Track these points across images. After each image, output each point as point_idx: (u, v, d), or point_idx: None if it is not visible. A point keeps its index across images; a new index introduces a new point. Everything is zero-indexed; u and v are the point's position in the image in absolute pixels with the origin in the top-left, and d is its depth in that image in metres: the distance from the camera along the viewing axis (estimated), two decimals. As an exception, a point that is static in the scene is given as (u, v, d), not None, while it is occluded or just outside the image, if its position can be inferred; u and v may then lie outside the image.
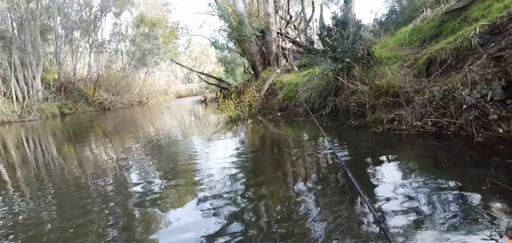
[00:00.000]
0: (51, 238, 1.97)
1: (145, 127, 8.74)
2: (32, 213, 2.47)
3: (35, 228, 2.15)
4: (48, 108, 16.38)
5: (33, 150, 6.00)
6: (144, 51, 23.79)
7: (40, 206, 2.60)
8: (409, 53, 5.07)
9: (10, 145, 7.03)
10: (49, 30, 19.58)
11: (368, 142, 3.87)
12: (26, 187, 3.29)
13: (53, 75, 19.46)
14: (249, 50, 10.95)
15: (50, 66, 20.04)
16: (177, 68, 35.25)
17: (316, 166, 3.07)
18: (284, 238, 1.70)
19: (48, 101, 17.10)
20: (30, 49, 16.24)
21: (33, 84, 16.46)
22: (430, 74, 4.25)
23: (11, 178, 3.78)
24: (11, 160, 4.98)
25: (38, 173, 3.96)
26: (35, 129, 10.74)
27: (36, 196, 2.91)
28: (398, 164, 2.77)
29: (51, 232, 2.06)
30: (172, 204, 2.37)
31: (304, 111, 6.88)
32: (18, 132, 10.06)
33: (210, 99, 17.19)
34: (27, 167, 4.35)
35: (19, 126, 12.58)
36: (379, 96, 4.63)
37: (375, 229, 1.67)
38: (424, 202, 1.92)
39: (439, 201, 1.91)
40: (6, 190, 3.23)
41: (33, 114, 14.98)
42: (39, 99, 16.37)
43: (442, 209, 1.81)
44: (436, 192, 2.05)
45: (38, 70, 16.80)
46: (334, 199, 2.15)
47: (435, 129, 3.53)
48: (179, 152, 4.51)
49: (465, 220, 1.65)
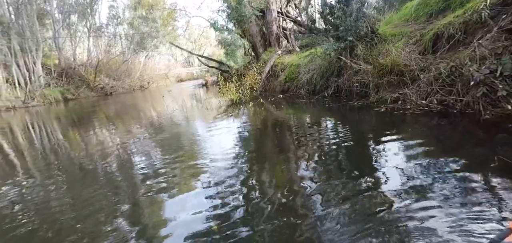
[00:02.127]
0: (61, 219, 2.00)
1: (147, 111, 8.72)
2: (42, 194, 2.51)
3: (46, 209, 2.19)
4: (51, 94, 16.39)
5: (39, 135, 6.03)
6: (143, 35, 23.40)
7: (49, 189, 2.63)
8: (415, 30, 4.89)
9: (17, 130, 7.07)
10: (46, 15, 19.23)
11: (371, 122, 3.81)
12: (35, 170, 3.31)
13: (53, 61, 19.33)
14: (249, 31, 10.70)
15: (49, 51, 19.86)
16: (177, 52, 34.79)
17: (318, 147, 3.03)
18: (287, 217, 1.69)
19: (50, 87, 17.09)
20: (28, 35, 16.03)
21: (34, 70, 16.38)
22: (436, 50, 4.11)
23: (20, 162, 3.82)
24: (19, 145, 5.01)
25: (46, 157, 3.99)
26: (39, 114, 10.78)
27: (45, 179, 2.94)
28: (401, 144, 2.71)
29: (61, 213, 2.09)
30: (176, 186, 2.37)
31: (306, 93, 6.78)
32: (23, 118, 10.11)
33: (211, 82, 17.04)
34: (34, 151, 4.37)
35: (23, 111, 12.63)
36: (383, 76, 4.52)
37: (379, 210, 1.65)
38: (428, 182, 1.87)
39: (443, 181, 1.87)
40: (16, 174, 3.26)
41: (37, 100, 15.01)
42: (41, 85, 16.34)
43: (447, 189, 1.76)
44: (441, 171, 2.00)
45: (38, 55, 16.66)
46: (336, 182, 2.11)
47: (440, 108, 3.45)
48: (181, 136, 4.50)
49: (471, 200, 1.61)
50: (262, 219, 1.69)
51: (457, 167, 2.02)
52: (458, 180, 1.84)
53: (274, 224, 1.63)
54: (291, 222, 1.63)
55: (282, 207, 1.82)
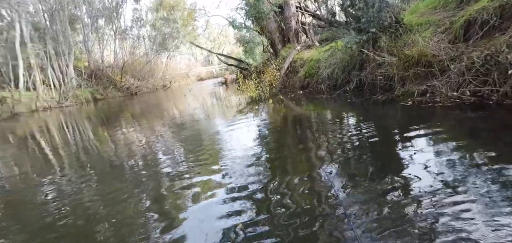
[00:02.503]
0: (91, 211, 2.14)
1: (170, 109, 9.00)
2: (74, 187, 2.70)
3: (78, 201, 2.35)
4: (82, 94, 17.44)
5: (72, 133, 6.45)
6: (165, 36, 24.15)
7: (81, 183, 2.81)
8: (444, 17, 4.60)
9: (53, 128, 7.62)
10: (76, 20, 20.46)
11: (397, 116, 3.66)
12: (69, 166, 3.57)
13: (83, 63, 20.54)
14: (267, 28, 10.65)
15: (80, 54, 21.11)
16: (197, 51, 35.51)
17: (341, 143, 2.95)
18: (312, 216, 1.66)
19: (81, 88, 18.18)
20: (61, 39, 17.14)
21: (67, 72, 17.51)
22: (468, 38, 3.84)
23: (56, 158, 4.12)
24: (55, 143, 5.40)
25: (78, 154, 4.26)
26: (72, 114, 11.53)
27: (77, 174, 3.15)
28: (431, 139, 2.56)
29: (91, 206, 2.23)
30: (199, 182, 2.41)
31: (327, 88, 6.64)
32: (58, 117, 10.86)
33: (230, 80, 17.20)
34: (68, 148, 4.69)
35: (58, 111, 13.58)
36: (409, 68, 4.30)
37: (408, 210, 1.56)
38: (462, 179, 1.75)
39: (479, 177, 1.73)
40: (52, 169, 3.53)
41: (70, 100, 16.04)
42: (74, 86, 17.43)
43: (483, 186, 1.63)
44: (476, 167, 1.86)
45: (70, 58, 17.79)
46: (362, 180, 2.04)
47: (474, 99, 3.22)
48: (203, 133, 4.60)
49: (508, 200, 1.48)
50: (285, 219, 1.67)
51: (494, 162, 1.87)
52: (495, 176, 1.70)
53: (298, 224, 1.60)
54: (316, 222, 1.60)
55: (306, 205, 1.79)
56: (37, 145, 5.49)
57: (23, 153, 4.94)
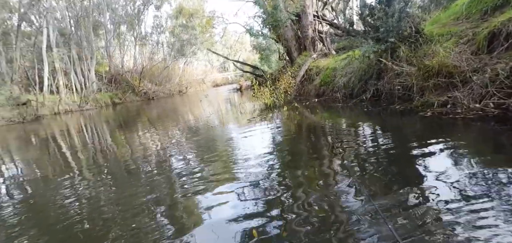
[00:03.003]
0: (106, 213, 2.22)
1: (186, 115, 9.21)
2: (92, 190, 2.81)
3: (94, 203, 2.44)
4: (101, 98, 18.16)
5: (91, 136, 6.73)
6: (183, 42, 24.82)
7: (98, 185, 2.94)
8: (466, 28, 4.49)
9: (73, 132, 7.99)
10: (99, 26, 21.46)
11: (415, 127, 3.58)
12: (87, 169, 3.72)
13: (104, 68, 21.44)
14: (284, 36, 10.73)
15: (101, 59, 22.08)
16: (213, 58, 36.18)
17: (357, 153, 2.93)
18: (326, 229, 1.65)
19: (101, 92, 18.94)
20: (85, 44, 18.02)
21: (88, 76, 18.33)
22: (492, 50, 3.73)
23: (75, 161, 4.31)
24: (74, 146, 5.66)
25: (96, 156, 4.44)
26: (92, 117, 12.03)
27: (95, 176, 3.28)
28: (451, 151, 2.48)
29: (107, 208, 2.32)
30: (212, 188, 2.45)
31: (343, 97, 6.59)
32: (79, 120, 11.36)
33: (245, 87, 17.38)
34: (87, 151, 4.90)
35: (79, 114, 14.20)
36: (428, 78, 4.22)
37: (425, 226, 1.54)
38: (484, 195, 1.69)
39: (502, 194, 1.67)
40: (71, 171, 3.69)
41: (90, 104, 16.74)
42: (94, 90, 18.20)
43: (506, 201, 1.58)
44: (499, 183, 1.80)
45: (92, 63, 18.63)
46: (377, 192, 2.01)
47: (498, 112, 3.12)
48: (217, 139, 4.68)
49: None
50: (298, 228, 1.67)
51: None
52: None
53: (306, 230, 1.62)
54: (330, 235, 1.59)
55: (315, 214, 1.79)
56: (57, 147, 5.77)
57: (44, 154, 5.19)
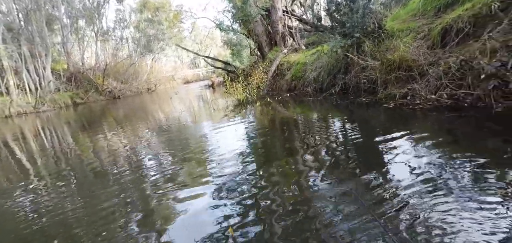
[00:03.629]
0: (72, 223, 2.04)
1: (155, 113, 8.84)
2: (54, 198, 2.57)
3: (58, 213, 2.22)
4: (60, 99, 16.75)
5: (51, 139, 6.18)
6: (149, 37, 23.71)
7: (61, 193, 2.69)
8: (423, 24, 4.85)
9: (29, 135, 7.26)
10: (54, 20, 19.67)
11: (379, 118, 3.81)
12: (47, 175, 3.40)
13: (62, 66, 19.76)
14: (254, 31, 10.73)
15: (58, 56, 20.31)
16: (183, 54, 35.12)
17: (327, 145, 3.04)
18: (297, 217, 1.70)
19: (60, 92, 17.46)
20: (38, 40, 16.40)
21: (44, 75, 16.76)
22: (445, 45, 4.07)
23: (32, 167, 3.92)
24: (31, 151, 5.14)
25: (57, 161, 4.09)
26: (50, 119, 11.03)
27: (57, 183, 3.01)
28: (412, 139, 2.69)
29: (72, 217, 2.13)
30: (185, 187, 2.39)
31: (313, 91, 6.78)
32: (35, 122, 10.36)
33: (217, 83, 17.14)
34: (46, 156, 4.49)
35: (34, 116, 12.94)
36: (391, 71, 4.49)
37: (389, 207, 1.66)
38: (441, 177, 1.86)
39: (456, 175, 1.85)
40: (28, 178, 3.35)
41: (47, 105, 15.35)
42: (51, 90, 16.71)
43: (460, 183, 1.75)
44: (453, 165, 1.99)
45: (47, 61, 17.04)
46: (346, 180, 2.11)
47: (450, 102, 3.42)
48: (190, 137, 4.56)
49: (486, 194, 1.60)
50: (272, 220, 1.70)
51: (470, 160, 2.01)
52: (472, 174, 1.83)
53: (284, 223, 1.65)
54: (300, 221, 1.65)
55: (291, 206, 1.83)
56: (10, 153, 5.21)
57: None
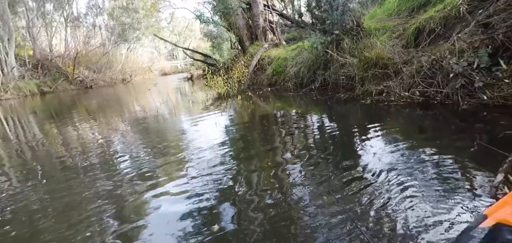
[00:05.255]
0: (39, 220, 1.90)
1: (131, 105, 8.48)
2: (19, 194, 2.36)
3: (24, 211, 2.06)
4: (25, 87, 15.54)
5: (14, 130, 5.72)
6: (124, 26, 22.59)
7: (27, 188, 2.48)
8: (398, 24, 5.05)
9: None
10: (18, 2, 18.11)
11: (356, 114, 3.93)
12: (11, 169, 3.13)
13: (27, 52, 18.28)
14: (235, 24, 10.60)
15: (23, 42, 18.75)
16: (161, 45, 33.90)
17: (305, 139, 3.10)
18: (273, 210, 1.71)
19: (25, 79, 16.19)
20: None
21: (6, 60, 15.42)
22: (418, 44, 4.28)
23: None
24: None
25: (22, 154, 3.78)
26: (14, 108, 10.21)
27: (22, 178, 2.78)
28: (385, 135, 2.81)
29: (40, 214, 1.97)
30: (161, 181, 2.31)
31: (294, 86, 6.85)
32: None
33: (196, 76, 16.79)
34: (9, 147, 4.15)
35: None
36: (368, 69, 4.65)
37: (360, 198, 1.71)
38: (409, 170, 1.95)
39: (424, 168, 1.95)
40: None
41: (10, 92, 14.20)
42: (15, 77, 15.45)
43: (427, 176, 1.84)
44: (422, 159, 2.09)
45: (10, 45, 15.69)
46: (321, 172, 2.15)
47: (422, 99, 3.60)
48: (168, 130, 4.43)
49: (450, 186, 1.69)
50: (248, 213, 1.69)
51: (437, 154, 2.13)
52: (438, 167, 1.94)
53: (260, 217, 1.64)
54: (277, 215, 1.65)
55: (269, 199, 1.84)
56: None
57: None
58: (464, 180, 1.74)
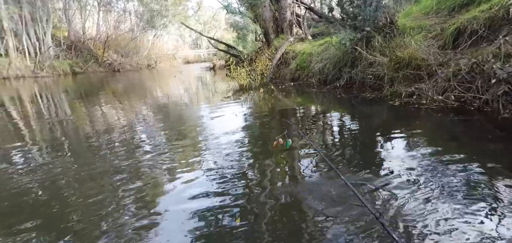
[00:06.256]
0: (64, 191, 2.00)
1: (154, 91, 8.73)
2: (48, 165, 2.51)
3: (51, 180, 2.18)
4: (59, 66, 16.51)
5: (47, 106, 6.09)
6: (153, 12, 23.20)
7: (55, 160, 2.62)
8: (435, 23, 4.75)
9: (26, 99, 7.16)
10: (57, -15, 19.15)
11: (382, 115, 3.78)
12: (43, 141, 3.34)
13: (63, 33, 19.35)
14: (262, 16, 10.50)
15: (59, 23, 19.86)
16: (185, 33, 34.52)
17: (325, 136, 3.03)
18: (289, 208, 1.66)
19: (59, 59, 17.18)
20: (39, 4, 15.99)
21: (44, 40, 16.43)
22: (457, 46, 4.00)
23: (29, 131, 3.87)
24: (27, 115, 5.06)
25: (53, 129, 4.03)
26: (48, 86, 10.88)
27: (52, 151, 2.94)
28: (411, 138, 2.66)
29: (65, 185, 2.09)
30: (178, 165, 2.34)
31: (317, 83, 6.71)
32: (32, 87, 10.21)
33: (219, 66, 16.93)
34: (42, 122, 4.42)
35: (32, 81, 12.76)
36: (399, 69, 4.43)
37: (380, 204, 1.63)
38: (438, 179, 1.79)
39: (454, 179, 1.78)
40: (24, 142, 3.29)
41: (46, 70, 15.14)
42: (51, 56, 16.44)
43: (457, 187, 1.68)
44: (450, 167, 1.93)
45: (48, 26, 16.68)
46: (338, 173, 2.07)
47: (457, 104, 3.38)
48: (190, 117, 4.51)
49: (482, 200, 1.54)
50: (263, 208, 1.65)
51: (470, 164, 1.96)
52: (469, 178, 1.78)
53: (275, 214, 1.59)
54: (293, 214, 1.59)
55: (283, 197, 1.77)
56: (6, 114, 5.15)
57: None
58: (501, 193, 1.58)
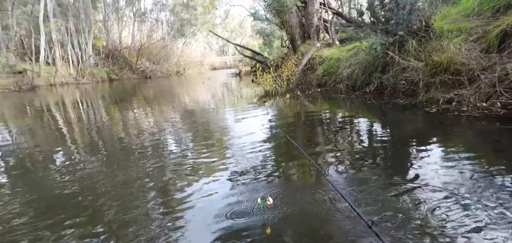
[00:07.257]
0: (98, 188, 2.16)
1: (183, 97, 9.07)
2: (85, 164, 2.74)
3: (86, 178, 2.36)
4: (98, 73, 17.81)
5: (86, 111, 6.60)
6: (183, 22, 24.26)
7: (91, 160, 2.85)
8: (477, 25, 4.42)
9: (68, 104, 7.83)
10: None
11: (416, 122, 3.58)
12: (81, 143, 3.66)
13: (101, 42, 20.92)
14: (289, 22, 10.52)
15: (99, 33, 21.51)
16: (213, 40, 35.55)
17: (353, 144, 2.92)
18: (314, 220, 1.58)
19: (98, 67, 18.56)
20: (83, 17, 17.47)
21: (85, 50, 17.88)
22: (503, 49, 3.69)
23: (69, 134, 4.24)
24: (69, 119, 5.55)
25: (90, 132, 4.35)
26: (88, 91, 11.80)
27: (88, 152, 3.19)
28: (448, 147, 2.48)
29: (99, 183, 2.25)
30: (203, 171, 2.38)
31: (345, 88, 6.53)
32: (74, 93, 11.14)
33: (244, 72, 17.19)
34: (82, 126, 4.81)
35: (74, 87, 13.93)
36: (435, 74, 4.18)
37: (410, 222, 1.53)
38: (476, 195, 1.63)
39: (496, 196, 1.60)
40: (65, 144, 3.63)
41: (86, 78, 16.42)
42: (91, 64, 17.82)
43: (499, 206, 1.51)
44: (492, 181, 1.76)
45: (89, 37, 18.14)
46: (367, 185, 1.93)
47: (503, 112, 3.11)
48: (217, 122, 4.62)
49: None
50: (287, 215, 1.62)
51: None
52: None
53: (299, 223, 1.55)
54: (319, 225, 1.52)
55: (308, 208, 1.70)
56: (52, 118, 5.68)
57: (38, 124, 5.11)
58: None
